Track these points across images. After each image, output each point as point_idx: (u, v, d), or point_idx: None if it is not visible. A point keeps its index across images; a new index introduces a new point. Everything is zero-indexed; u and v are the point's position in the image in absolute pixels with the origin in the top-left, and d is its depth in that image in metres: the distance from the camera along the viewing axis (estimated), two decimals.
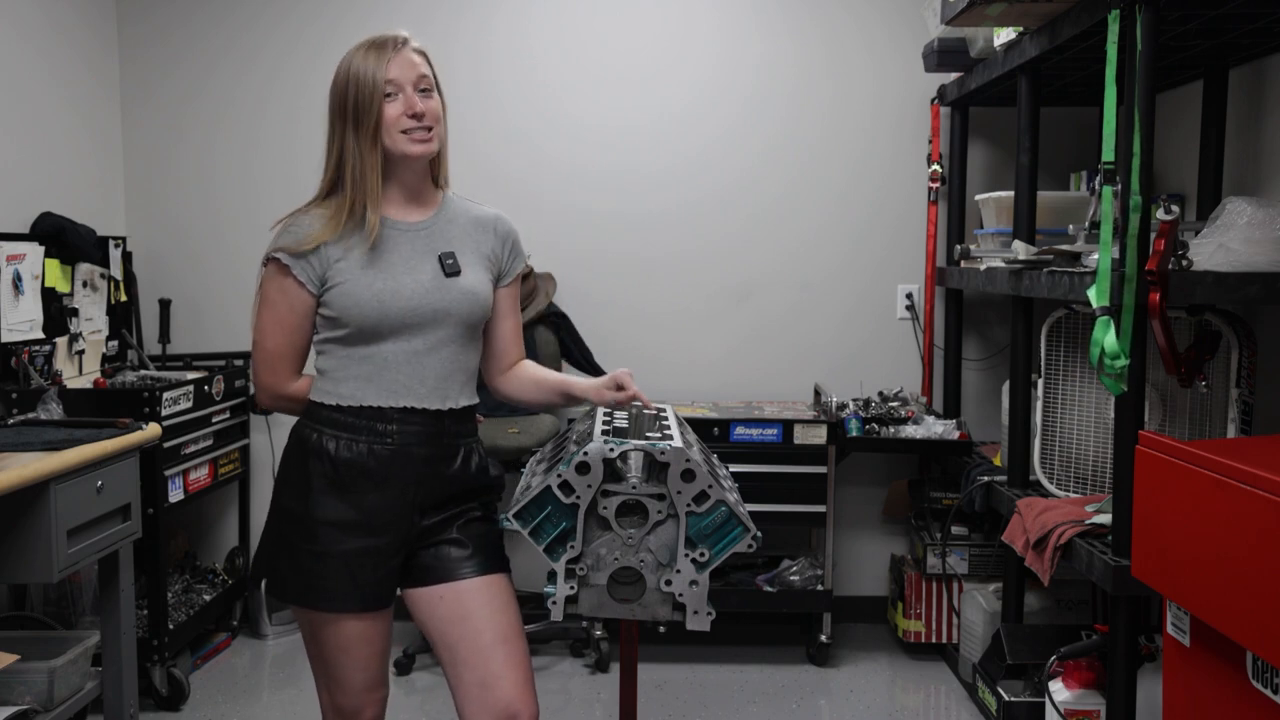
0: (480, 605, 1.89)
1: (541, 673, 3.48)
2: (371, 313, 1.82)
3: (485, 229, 1.96)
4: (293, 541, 1.87)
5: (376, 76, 1.81)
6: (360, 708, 1.94)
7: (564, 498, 1.78)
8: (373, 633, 1.90)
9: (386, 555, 1.87)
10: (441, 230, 1.92)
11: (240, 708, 3.24)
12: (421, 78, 1.84)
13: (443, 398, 1.89)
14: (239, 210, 3.92)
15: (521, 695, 1.86)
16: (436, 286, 1.87)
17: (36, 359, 3.12)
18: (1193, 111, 3.10)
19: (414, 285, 1.85)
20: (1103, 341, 2.24)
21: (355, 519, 1.85)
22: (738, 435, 3.44)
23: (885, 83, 3.86)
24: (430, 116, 1.84)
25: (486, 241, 1.95)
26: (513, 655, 1.88)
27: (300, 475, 1.87)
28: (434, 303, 1.86)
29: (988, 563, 3.50)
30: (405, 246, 1.88)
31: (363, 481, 1.85)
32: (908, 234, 3.91)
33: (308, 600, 1.86)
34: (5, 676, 2.55)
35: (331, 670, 1.92)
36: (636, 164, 3.90)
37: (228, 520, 3.97)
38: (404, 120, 1.82)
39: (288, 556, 1.87)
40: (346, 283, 1.83)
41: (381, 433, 1.86)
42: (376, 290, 1.82)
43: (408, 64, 1.83)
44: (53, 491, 2.31)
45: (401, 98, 1.82)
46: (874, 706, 3.28)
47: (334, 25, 3.85)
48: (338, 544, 1.84)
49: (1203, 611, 1.73)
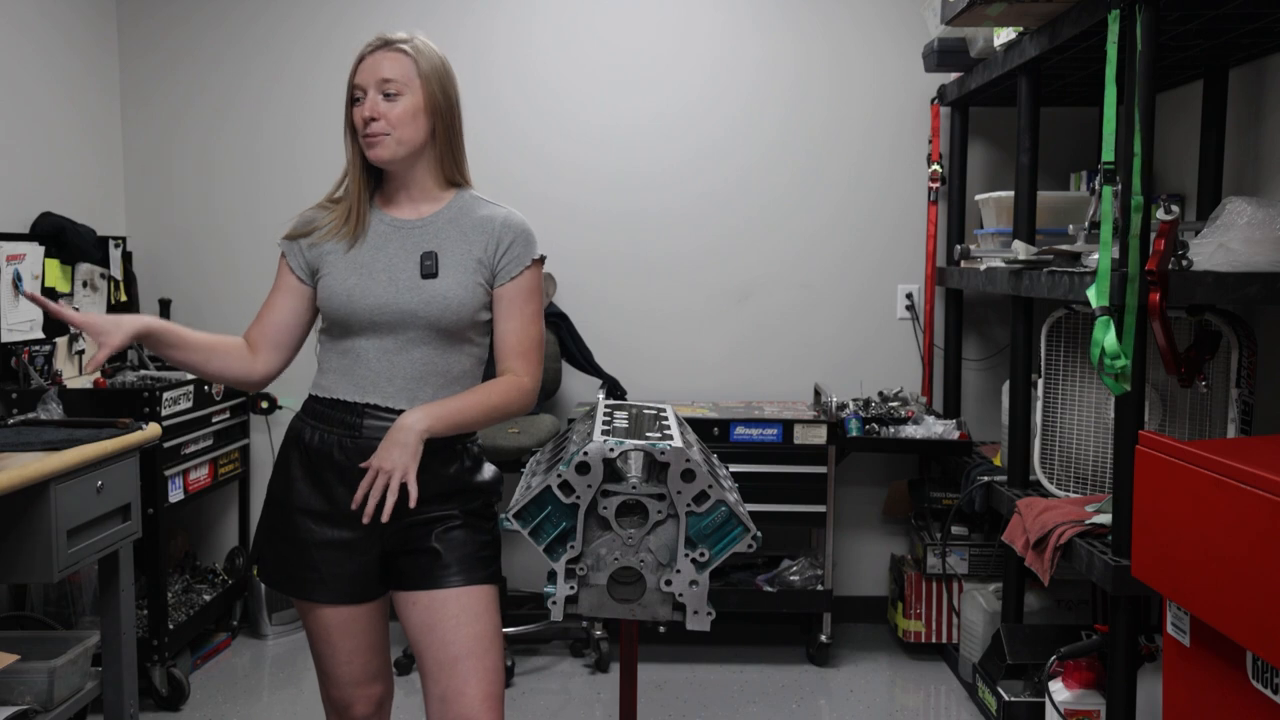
0: (449, 617, 1.84)
1: (541, 673, 3.49)
2: (340, 307, 1.86)
3: (482, 230, 1.89)
4: (276, 528, 1.92)
5: (349, 82, 1.86)
6: (350, 701, 1.96)
7: (564, 498, 1.78)
8: (353, 627, 1.92)
9: (357, 550, 1.88)
10: (436, 230, 1.89)
11: (240, 708, 3.24)
12: (384, 81, 1.82)
13: (411, 398, 1.86)
14: (239, 210, 3.92)
15: (481, 711, 1.82)
16: (410, 287, 1.84)
17: (36, 359, 3.12)
18: (1193, 111, 3.10)
19: (385, 285, 1.84)
20: (1103, 341, 2.24)
21: (326, 509, 1.88)
22: (738, 435, 3.45)
23: (885, 83, 3.86)
24: (387, 121, 1.82)
25: (479, 243, 1.88)
26: (476, 670, 1.83)
27: (283, 463, 1.92)
28: (402, 304, 1.84)
29: (988, 563, 3.50)
30: (394, 244, 1.88)
31: (330, 473, 1.87)
32: (908, 234, 3.91)
33: (287, 587, 1.92)
34: (5, 676, 2.55)
35: (318, 660, 1.97)
36: (637, 164, 3.90)
37: (228, 520, 3.97)
38: (360, 123, 1.84)
39: (272, 543, 1.93)
40: (327, 276, 1.88)
41: (350, 425, 1.87)
42: (349, 287, 1.85)
43: (373, 67, 1.84)
44: (53, 491, 2.30)
45: (366, 102, 1.83)
46: (874, 706, 3.28)
47: (334, 25, 3.85)
48: (310, 533, 1.88)
49: (1203, 611, 1.73)
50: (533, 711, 3.22)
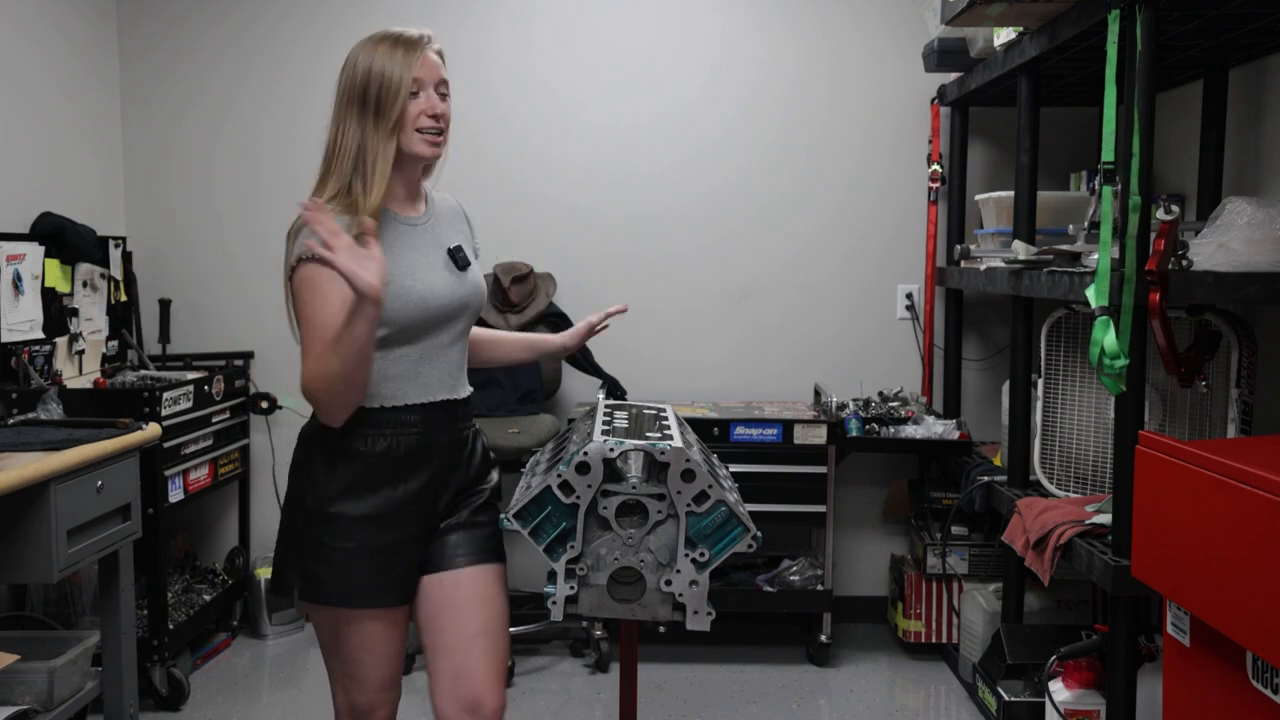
0: (469, 596, 1.92)
1: (541, 673, 3.49)
2: (416, 313, 1.84)
3: (460, 217, 2.04)
4: (324, 541, 1.85)
5: (404, 74, 1.81)
6: (375, 706, 1.96)
7: (564, 498, 1.78)
8: (394, 629, 1.92)
9: (414, 548, 1.91)
10: (437, 224, 1.95)
11: (240, 708, 3.24)
12: (442, 80, 1.87)
13: (454, 387, 1.95)
14: (239, 210, 3.92)
15: (490, 689, 1.90)
16: (458, 281, 1.92)
17: (36, 359, 3.12)
18: (1193, 111, 3.10)
19: (440, 283, 1.89)
20: (1103, 341, 2.24)
21: (386, 511, 1.87)
22: (738, 435, 3.44)
23: (885, 83, 3.87)
24: (447, 120, 1.88)
25: (464, 230, 2.03)
26: (490, 649, 1.91)
27: (327, 476, 1.86)
28: (462, 297, 1.92)
29: (988, 563, 3.50)
30: (418, 243, 1.90)
31: (392, 475, 1.87)
32: (908, 234, 3.91)
33: (342, 599, 1.86)
34: (5, 676, 2.55)
35: (352, 668, 1.92)
36: (637, 164, 3.90)
37: (228, 520, 3.97)
38: (423, 119, 1.84)
39: (321, 558, 1.86)
40: (390, 284, 1.79)
41: (408, 424, 1.88)
42: (420, 291, 1.85)
43: (433, 64, 1.85)
44: (53, 491, 2.31)
45: (424, 97, 1.84)
46: (874, 706, 3.28)
47: (334, 25, 3.85)
48: (370, 540, 1.86)
49: (1203, 611, 1.73)
50: (533, 711, 3.22)
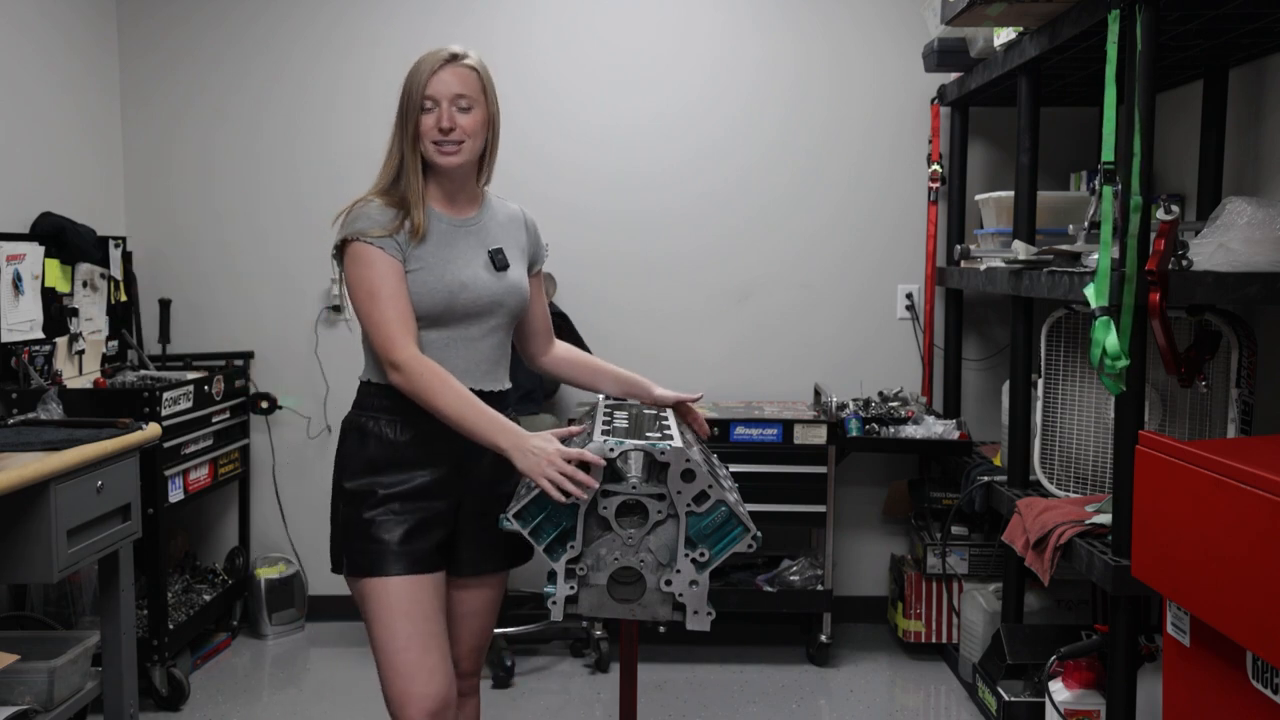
0: (481, 609, 2.12)
1: (541, 673, 3.49)
2: (441, 300, 1.95)
3: (518, 224, 2.14)
4: (361, 518, 1.96)
5: (417, 91, 1.96)
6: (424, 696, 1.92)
7: (564, 498, 1.78)
8: (429, 607, 1.94)
9: (442, 522, 1.99)
10: (487, 226, 2.07)
11: (240, 708, 3.24)
12: (459, 96, 1.96)
13: (492, 380, 2.05)
14: (239, 210, 3.92)
15: (470, 660, 2.15)
16: (493, 279, 2.02)
17: (36, 359, 3.12)
18: (1193, 111, 3.10)
19: (475, 278, 1.99)
20: (1103, 341, 2.24)
21: (413, 489, 1.96)
22: (738, 435, 3.45)
23: (885, 83, 3.86)
24: (462, 131, 1.96)
25: (521, 235, 2.13)
26: (474, 629, 2.13)
27: (358, 456, 1.99)
28: (495, 294, 2.01)
29: (988, 563, 3.50)
30: (460, 241, 2.01)
31: (419, 454, 1.97)
32: (908, 234, 3.91)
33: (376, 568, 1.93)
34: (5, 676, 2.55)
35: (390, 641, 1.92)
36: (637, 164, 3.90)
37: (228, 520, 3.97)
38: (435, 133, 1.95)
39: (355, 534, 1.97)
40: (421, 271, 1.95)
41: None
42: (448, 281, 1.96)
43: (447, 81, 1.95)
44: (53, 491, 2.31)
45: (437, 112, 1.95)
46: (874, 706, 3.28)
47: (334, 25, 3.84)
48: (400, 515, 1.95)
49: (1203, 611, 1.73)
50: (533, 711, 3.22)
